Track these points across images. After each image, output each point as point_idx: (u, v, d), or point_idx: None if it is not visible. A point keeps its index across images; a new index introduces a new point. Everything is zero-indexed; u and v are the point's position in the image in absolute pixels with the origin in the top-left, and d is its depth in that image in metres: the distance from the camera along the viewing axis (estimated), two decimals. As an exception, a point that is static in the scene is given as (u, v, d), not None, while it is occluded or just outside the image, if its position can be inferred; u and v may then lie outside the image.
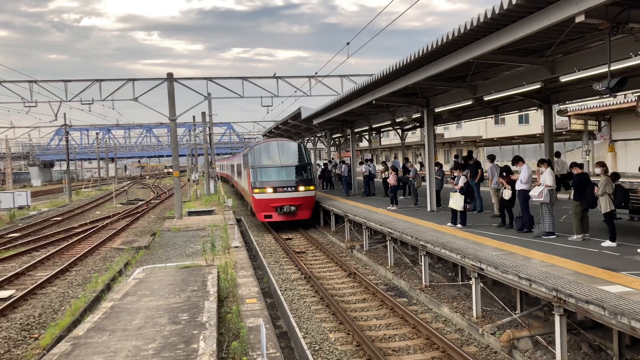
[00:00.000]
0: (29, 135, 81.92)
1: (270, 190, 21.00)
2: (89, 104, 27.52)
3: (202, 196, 38.46)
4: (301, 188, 21.11)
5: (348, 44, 18.75)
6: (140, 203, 38.68)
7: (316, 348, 8.85)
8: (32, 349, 9.33)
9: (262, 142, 24.08)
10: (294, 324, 9.10)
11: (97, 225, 25.07)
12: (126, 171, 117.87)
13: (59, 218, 29.99)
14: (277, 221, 21.53)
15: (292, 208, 20.85)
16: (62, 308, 11.81)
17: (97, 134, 72.66)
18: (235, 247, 16.55)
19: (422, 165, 22.75)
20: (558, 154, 16.40)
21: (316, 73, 27.80)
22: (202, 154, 48.89)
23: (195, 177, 54.19)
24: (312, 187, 21.46)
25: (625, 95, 23.75)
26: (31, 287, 13.24)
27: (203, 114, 40.46)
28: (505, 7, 7.62)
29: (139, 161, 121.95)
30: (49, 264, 16.74)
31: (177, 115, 25.61)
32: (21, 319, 11.11)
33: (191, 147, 65.52)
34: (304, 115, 25.10)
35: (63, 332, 9.47)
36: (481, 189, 16.08)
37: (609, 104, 26.82)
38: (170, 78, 25.20)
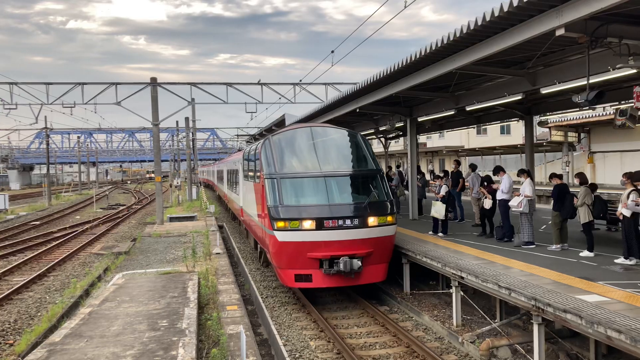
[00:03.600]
0: (8, 137, 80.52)
1: (308, 224, 10.61)
2: (71, 107, 27.29)
3: (184, 202, 38.20)
4: (371, 220, 10.84)
5: (332, 52, 18.76)
6: (121, 208, 38.29)
7: (297, 356, 8.81)
8: (6, 355, 9.14)
9: (285, 130, 13.13)
10: (275, 332, 9.05)
11: (77, 230, 24.73)
12: (107, 176, 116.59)
13: (37, 222, 29.52)
14: (323, 287, 11.31)
15: (357, 263, 10.51)
16: (39, 314, 11.60)
17: (78, 137, 71.76)
18: (217, 253, 16.44)
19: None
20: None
21: (301, 80, 27.89)
22: (185, 159, 48.57)
23: (178, 183, 53.78)
24: (390, 218, 11.18)
25: (604, 107, 24.15)
26: (7, 292, 13.00)
27: (186, 119, 40.24)
28: (487, 19, 7.75)
29: (120, 166, 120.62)
30: (26, 269, 16.45)
31: (160, 120, 25.47)
32: (-4, 324, 10.89)
33: (174, 152, 65.02)
34: (288, 122, 25.09)
35: (39, 339, 9.30)
36: (462, 198, 16.24)
37: (588, 116, 27.29)
38: (153, 83, 25.05)
